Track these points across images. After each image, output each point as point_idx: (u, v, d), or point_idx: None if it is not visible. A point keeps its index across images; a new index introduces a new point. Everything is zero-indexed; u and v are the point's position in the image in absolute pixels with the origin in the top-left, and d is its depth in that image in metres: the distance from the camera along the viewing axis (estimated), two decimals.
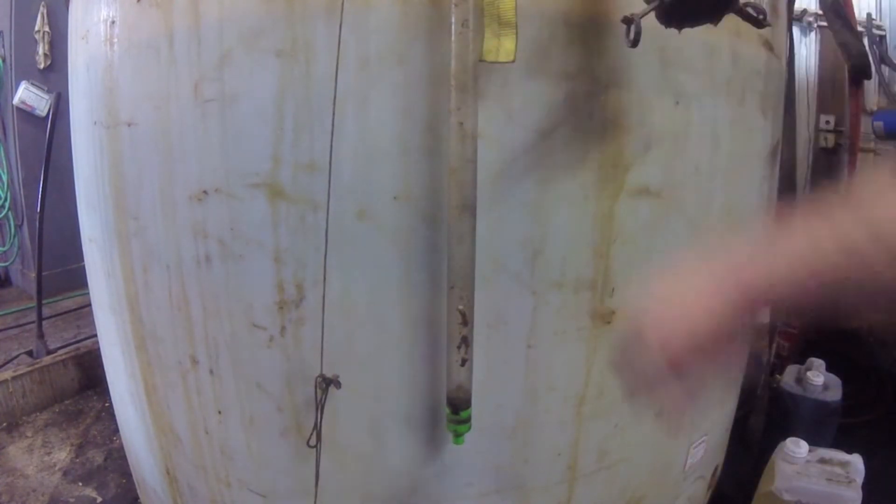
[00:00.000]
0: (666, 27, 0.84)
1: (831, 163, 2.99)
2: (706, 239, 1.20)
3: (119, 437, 1.92)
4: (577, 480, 1.18)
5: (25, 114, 3.55)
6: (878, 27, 2.79)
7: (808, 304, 0.55)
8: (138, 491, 1.74)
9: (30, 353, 2.78)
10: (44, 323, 2.80)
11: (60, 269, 3.58)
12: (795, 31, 2.81)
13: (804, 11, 2.91)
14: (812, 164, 3.02)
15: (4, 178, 3.77)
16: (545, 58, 0.94)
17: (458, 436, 0.99)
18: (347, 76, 0.91)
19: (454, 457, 1.08)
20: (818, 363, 1.94)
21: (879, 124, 2.57)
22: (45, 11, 3.46)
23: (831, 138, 2.95)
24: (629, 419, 1.19)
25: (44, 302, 2.83)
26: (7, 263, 4.05)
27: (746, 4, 0.82)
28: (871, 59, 2.36)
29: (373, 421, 1.08)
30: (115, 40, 1.13)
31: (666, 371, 0.56)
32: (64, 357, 2.64)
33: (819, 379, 1.87)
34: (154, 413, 1.35)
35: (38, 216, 2.72)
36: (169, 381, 1.27)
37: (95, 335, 1.72)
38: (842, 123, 2.90)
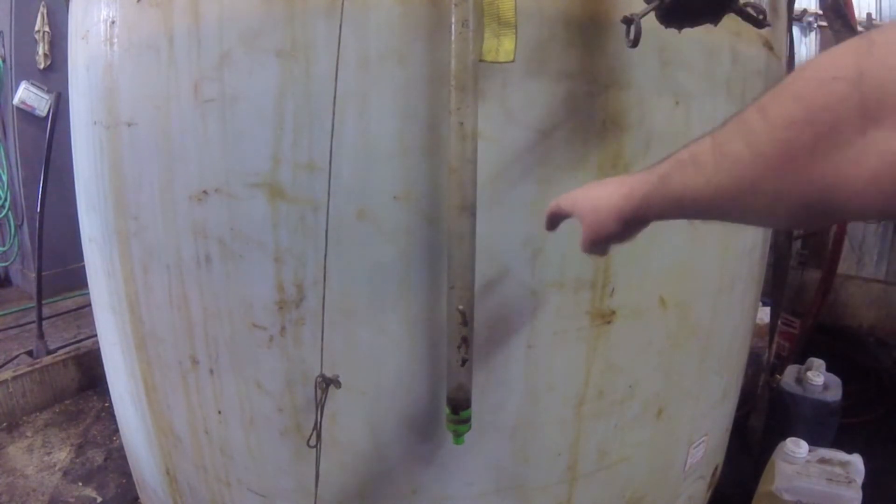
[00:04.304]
0: (666, 27, 0.84)
1: None
2: (705, 238, 1.20)
3: (119, 437, 1.92)
4: (577, 480, 1.18)
5: (25, 114, 3.55)
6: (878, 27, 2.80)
7: None
8: (138, 491, 1.74)
9: (30, 353, 2.78)
10: (44, 323, 2.81)
11: (60, 269, 3.58)
12: (795, 31, 2.81)
13: (804, 11, 2.91)
14: None
15: (4, 178, 3.77)
16: (545, 58, 0.94)
17: (458, 436, 0.99)
18: (347, 76, 0.91)
19: (454, 457, 1.08)
20: (818, 363, 1.94)
21: None
22: (45, 11, 3.46)
23: None
24: (629, 419, 1.19)
25: (44, 302, 2.83)
26: (7, 263, 4.06)
27: (746, 4, 0.82)
28: None
29: (373, 421, 1.08)
30: (115, 40, 1.13)
31: None
32: (64, 357, 2.64)
33: (819, 379, 1.87)
34: (154, 413, 1.35)
35: (38, 216, 2.72)
36: (169, 381, 1.27)
37: (95, 335, 1.72)
38: None
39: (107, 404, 2.54)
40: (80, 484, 2.04)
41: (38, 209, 2.71)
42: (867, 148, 0.35)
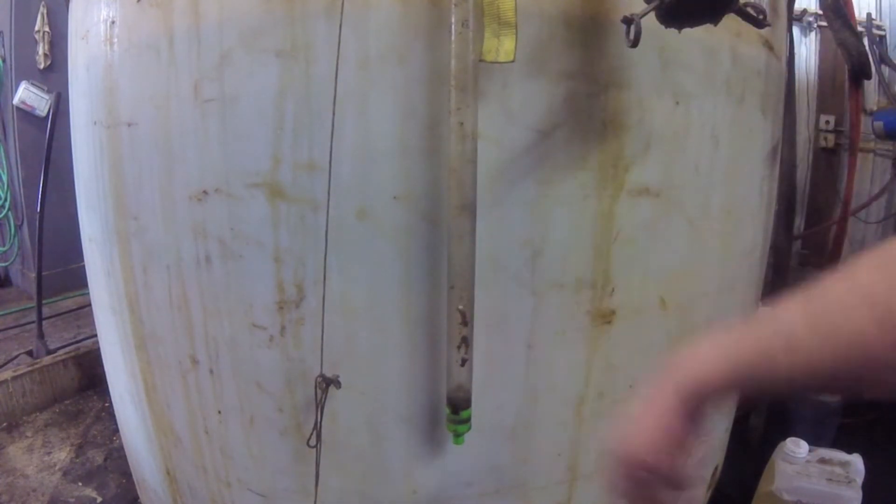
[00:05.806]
0: (666, 27, 0.84)
1: (831, 163, 3.00)
2: (706, 239, 1.20)
3: (119, 437, 1.91)
4: (577, 481, 1.18)
5: (25, 114, 3.55)
6: (878, 27, 2.80)
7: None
8: (138, 491, 1.74)
9: (30, 353, 2.78)
10: (44, 323, 2.80)
11: (60, 269, 3.58)
12: (795, 31, 2.81)
13: (804, 11, 2.91)
14: (812, 164, 3.03)
15: (4, 178, 3.77)
16: (545, 58, 0.94)
17: (458, 436, 0.99)
18: (347, 76, 0.91)
19: (454, 457, 1.08)
20: None
21: (879, 124, 2.58)
22: (45, 11, 3.46)
23: (831, 138, 2.95)
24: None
25: (44, 302, 2.83)
26: (7, 263, 4.06)
27: (746, 4, 0.82)
28: (871, 58, 2.36)
29: (373, 421, 1.08)
30: (115, 40, 1.13)
31: None
32: (64, 357, 2.64)
33: None
34: (154, 413, 1.35)
35: (38, 216, 2.72)
36: (169, 381, 1.27)
37: (95, 335, 1.72)
38: (842, 123, 2.90)
39: (107, 404, 2.54)
40: (80, 484, 2.04)
41: (38, 209, 2.71)
42: None
